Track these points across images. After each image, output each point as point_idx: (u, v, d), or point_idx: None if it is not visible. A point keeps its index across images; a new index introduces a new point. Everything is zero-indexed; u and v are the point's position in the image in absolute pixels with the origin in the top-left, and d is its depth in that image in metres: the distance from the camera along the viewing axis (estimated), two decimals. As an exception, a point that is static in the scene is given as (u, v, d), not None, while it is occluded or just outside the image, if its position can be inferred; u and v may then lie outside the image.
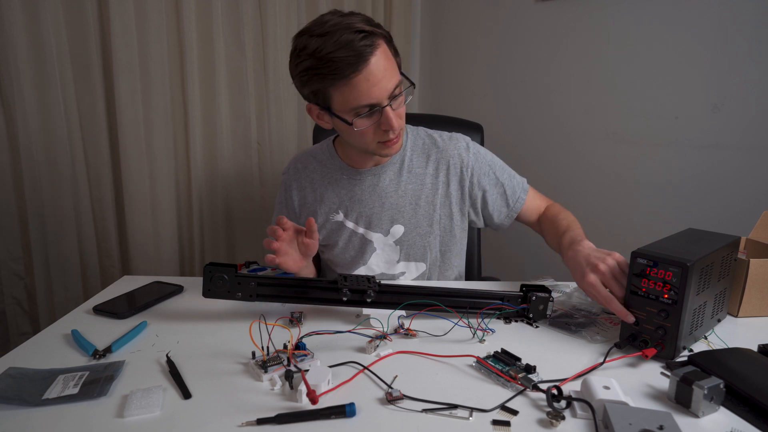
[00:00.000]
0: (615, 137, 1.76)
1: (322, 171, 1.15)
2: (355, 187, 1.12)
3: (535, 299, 0.89)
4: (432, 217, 1.14)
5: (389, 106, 0.95)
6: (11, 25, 1.46)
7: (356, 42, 0.89)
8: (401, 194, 1.12)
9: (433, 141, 1.16)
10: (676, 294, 0.73)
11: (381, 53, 0.92)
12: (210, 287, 0.87)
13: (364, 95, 0.92)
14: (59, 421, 0.62)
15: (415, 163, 1.14)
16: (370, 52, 0.90)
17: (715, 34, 1.49)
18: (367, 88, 0.92)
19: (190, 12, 1.68)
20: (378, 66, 0.91)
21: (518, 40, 2.00)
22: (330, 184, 1.14)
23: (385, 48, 0.94)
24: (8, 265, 1.61)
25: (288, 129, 1.98)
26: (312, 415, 0.63)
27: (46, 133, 1.57)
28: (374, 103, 0.94)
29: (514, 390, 0.69)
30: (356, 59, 0.89)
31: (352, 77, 0.90)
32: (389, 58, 0.95)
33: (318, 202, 1.14)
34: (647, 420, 0.58)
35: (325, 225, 1.15)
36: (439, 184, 1.14)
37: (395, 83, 0.95)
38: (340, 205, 1.13)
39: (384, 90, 0.93)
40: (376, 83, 0.92)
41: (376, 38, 0.92)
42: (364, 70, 0.90)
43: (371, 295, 0.87)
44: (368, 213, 1.12)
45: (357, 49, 0.89)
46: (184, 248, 1.89)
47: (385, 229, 1.13)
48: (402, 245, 1.14)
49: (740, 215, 1.41)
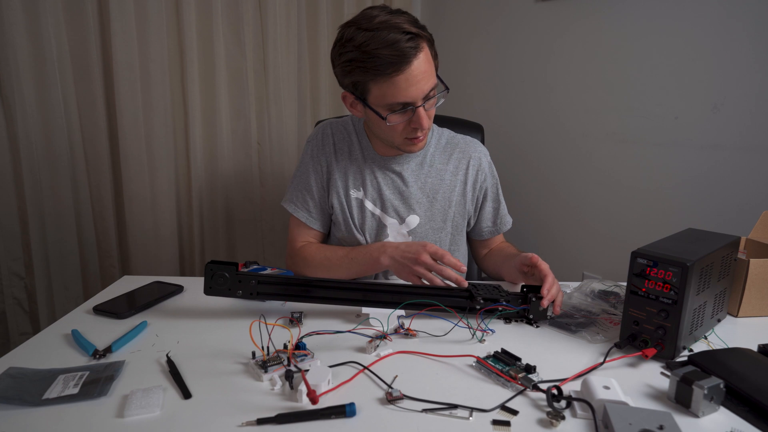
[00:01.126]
0: (615, 137, 1.76)
1: (350, 146, 1.17)
2: (378, 171, 1.15)
3: (536, 300, 0.89)
4: (446, 213, 1.17)
5: (422, 106, 0.98)
6: (11, 25, 1.46)
7: (402, 42, 0.92)
8: (420, 186, 1.15)
9: (456, 142, 1.20)
10: (676, 294, 0.73)
11: (423, 56, 0.95)
12: (211, 285, 0.87)
13: (402, 94, 0.95)
14: (59, 421, 0.62)
15: (437, 159, 1.17)
16: (414, 54, 0.93)
17: (715, 34, 1.49)
18: (405, 88, 0.95)
19: (190, 12, 1.68)
20: (419, 68, 0.94)
21: (518, 40, 2.01)
22: (355, 162, 1.15)
23: (427, 51, 0.97)
24: (8, 265, 1.61)
25: (288, 129, 1.98)
26: (312, 415, 0.63)
27: (46, 133, 1.57)
28: (409, 102, 0.97)
29: (514, 390, 0.69)
30: (400, 59, 0.92)
31: (393, 76, 0.94)
32: (429, 61, 0.97)
33: (341, 174, 1.15)
34: (647, 420, 0.58)
35: (346, 198, 1.15)
36: (457, 182, 1.17)
37: (431, 85, 0.98)
38: (362, 184, 1.15)
39: (420, 91, 0.96)
40: (415, 84, 0.95)
41: (420, 40, 0.95)
42: (406, 71, 0.93)
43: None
44: (387, 198, 1.14)
45: (401, 50, 0.92)
46: (184, 248, 1.89)
47: (401, 217, 1.15)
48: (415, 236, 1.16)
49: (740, 215, 1.42)
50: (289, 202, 1.18)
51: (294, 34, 1.93)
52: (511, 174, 2.07)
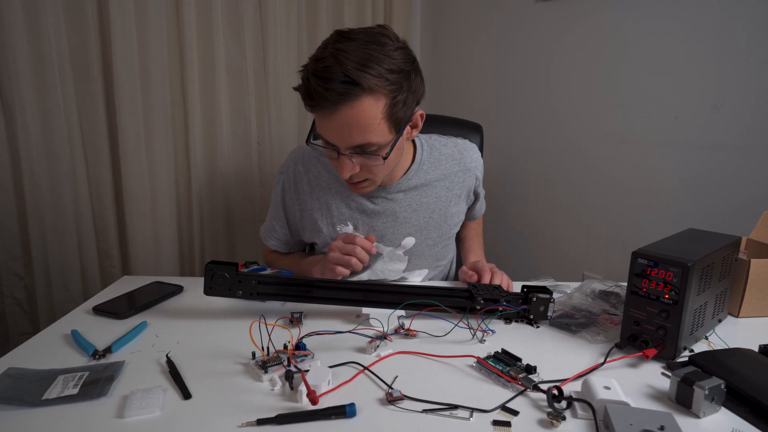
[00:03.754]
0: (615, 137, 1.76)
1: (329, 178, 1.08)
2: (367, 202, 1.06)
3: (536, 300, 0.88)
4: (441, 229, 1.14)
5: (348, 156, 0.90)
6: (11, 25, 1.45)
7: (333, 83, 0.82)
8: (415, 208, 1.09)
9: (450, 153, 1.12)
10: (677, 294, 0.73)
11: (355, 108, 0.84)
12: (211, 285, 0.87)
13: (322, 131, 0.90)
14: (59, 421, 0.62)
15: (431, 176, 1.10)
16: (338, 101, 0.83)
17: (715, 34, 1.49)
18: (324, 128, 0.89)
19: (190, 12, 1.68)
20: (343, 118, 0.85)
21: (518, 40, 2.00)
22: (337, 194, 1.07)
23: (370, 105, 0.84)
24: (8, 265, 1.61)
25: (288, 129, 1.98)
26: (312, 415, 0.62)
27: (46, 133, 1.57)
28: (332, 144, 0.90)
29: (515, 390, 0.69)
30: (317, 99, 0.84)
31: (314, 110, 0.88)
32: (369, 115, 0.85)
33: (323, 209, 1.08)
34: (648, 420, 0.58)
35: (331, 234, 1.09)
36: (452, 197, 1.13)
37: (364, 141, 0.87)
38: (350, 217, 1.08)
39: (340, 140, 0.88)
40: (332, 130, 0.88)
41: (358, 92, 0.82)
42: (327, 114, 0.86)
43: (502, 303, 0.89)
44: (380, 228, 1.08)
45: (323, 92, 0.83)
46: (184, 248, 1.88)
47: (396, 243, 1.10)
48: (411, 256, 1.13)
49: (741, 215, 1.42)
50: (263, 231, 1.22)
51: (294, 34, 1.92)
52: (511, 174, 2.07)
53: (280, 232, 1.17)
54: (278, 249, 1.20)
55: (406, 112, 0.90)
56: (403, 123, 0.91)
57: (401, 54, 0.87)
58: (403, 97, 0.87)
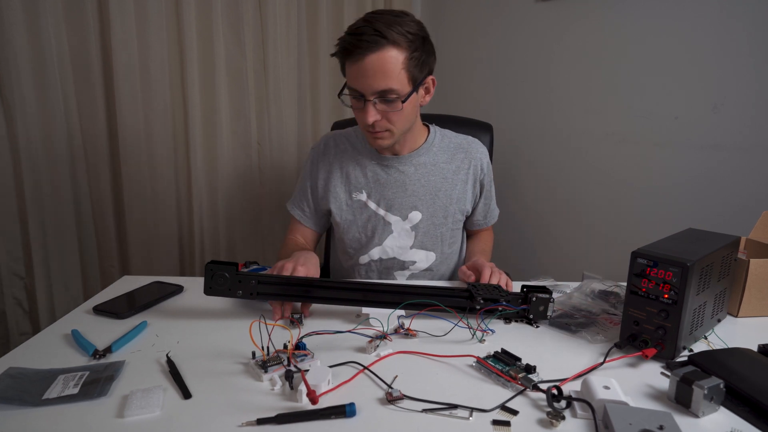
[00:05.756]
0: (615, 137, 1.76)
1: (353, 152, 1.22)
2: (381, 171, 1.19)
3: (536, 300, 0.89)
4: (447, 209, 1.21)
5: (373, 102, 1.03)
6: (11, 25, 1.46)
7: (365, 36, 0.98)
8: (423, 183, 1.19)
9: (459, 142, 1.24)
10: (676, 294, 0.73)
11: (381, 56, 0.99)
12: (211, 285, 0.87)
13: (351, 80, 1.04)
14: (59, 421, 0.62)
15: (440, 158, 1.21)
16: (368, 50, 0.99)
17: (715, 34, 1.49)
18: (355, 77, 1.02)
19: (190, 12, 1.68)
20: (370, 65, 0.99)
21: (518, 41, 2.01)
22: (358, 165, 1.21)
23: (393, 55, 1.00)
24: (8, 265, 1.61)
25: (288, 129, 1.98)
26: (312, 415, 0.63)
27: (46, 133, 1.57)
28: (358, 91, 1.03)
29: (514, 390, 0.69)
30: (352, 48, 1.00)
31: (347, 61, 1.02)
32: (392, 64, 1.00)
33: (343, 179, 1.21)
34: (647, 420, 0.58)
35: (347, 202, 1.21)
36: (458, 181, 1.21)
37: (385, 87, 1.01)
38: (365, 185, 1.20)
39: (366, 85, 1.01)
40: (361, 76, 1.01)
41: (383, 42, 0.99)
42: (357, 62, 1.00)
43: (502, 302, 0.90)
44: (390, 197, 1.19)
45: (356, 42, 0.99)
46: (184, 248, 1.89)
47: (404, 213, 1.20)
48: (417, 231, 1.20)
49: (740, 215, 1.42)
50: (289, 202, 1.30)
51: (294, 34, 1.93)
52: (510, 174, 2.07)
53: (304, 205, 1.27)
54: (301, 220, 1.27)
55: (421, 71, 1.05)
56: (419, 80, 1.06)
57: (418, 25, 1.06)
58: (418, 55, 1.03)
